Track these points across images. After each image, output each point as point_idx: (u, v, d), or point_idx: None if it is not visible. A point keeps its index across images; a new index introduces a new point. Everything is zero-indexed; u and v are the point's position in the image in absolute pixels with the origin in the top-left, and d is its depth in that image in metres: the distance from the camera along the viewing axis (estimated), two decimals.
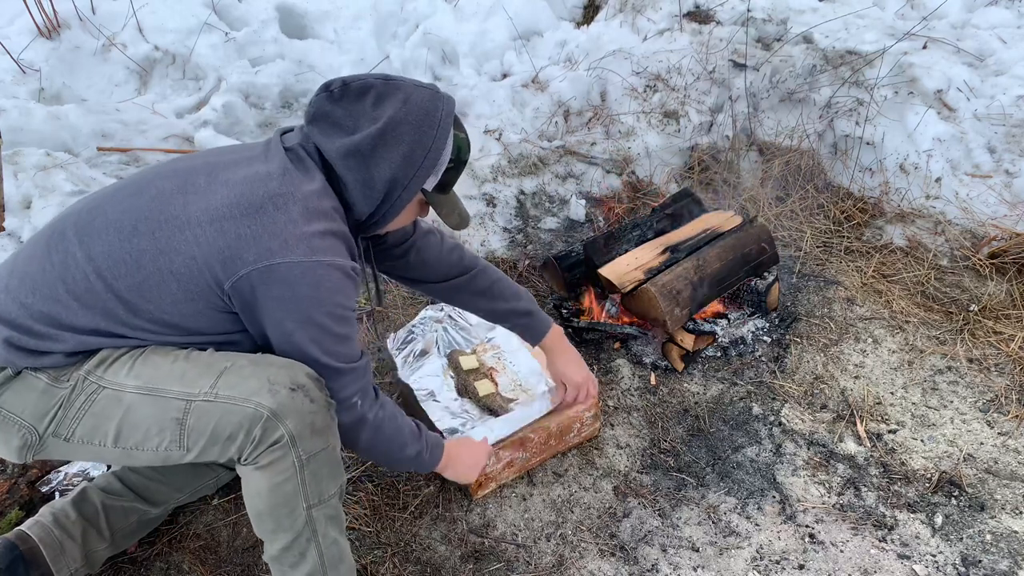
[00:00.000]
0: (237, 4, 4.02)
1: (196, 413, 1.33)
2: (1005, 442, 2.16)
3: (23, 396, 1.34)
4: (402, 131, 1.43)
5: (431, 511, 1.95)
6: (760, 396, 2.34)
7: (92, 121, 3.15)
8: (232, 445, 1.34)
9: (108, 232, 1.35)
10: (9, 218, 2.58)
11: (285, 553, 1.44)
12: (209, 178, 1.39)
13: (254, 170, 1.40)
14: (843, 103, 3.36)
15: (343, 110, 1.44)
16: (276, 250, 1.32)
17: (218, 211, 1.33)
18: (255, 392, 1.33)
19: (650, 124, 3.51)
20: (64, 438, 1.36)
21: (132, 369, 1.35)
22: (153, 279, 1.33)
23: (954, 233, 2.99)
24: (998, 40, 3.54)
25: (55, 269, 1.35)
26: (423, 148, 1.45)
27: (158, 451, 1.36)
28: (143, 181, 1.43)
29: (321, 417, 1.38)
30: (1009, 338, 2.51)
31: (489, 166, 3.23)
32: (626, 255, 2.53)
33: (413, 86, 1.47)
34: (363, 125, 1.43)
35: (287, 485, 1.37)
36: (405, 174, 1.46)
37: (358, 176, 1.44)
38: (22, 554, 1.54)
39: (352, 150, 1.42)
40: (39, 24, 3.53)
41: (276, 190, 1.36)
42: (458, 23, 4.05)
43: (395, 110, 1.43)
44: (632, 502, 1.99)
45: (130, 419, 1.34)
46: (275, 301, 1.34)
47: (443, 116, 1.47)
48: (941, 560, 1.85)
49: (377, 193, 1.47)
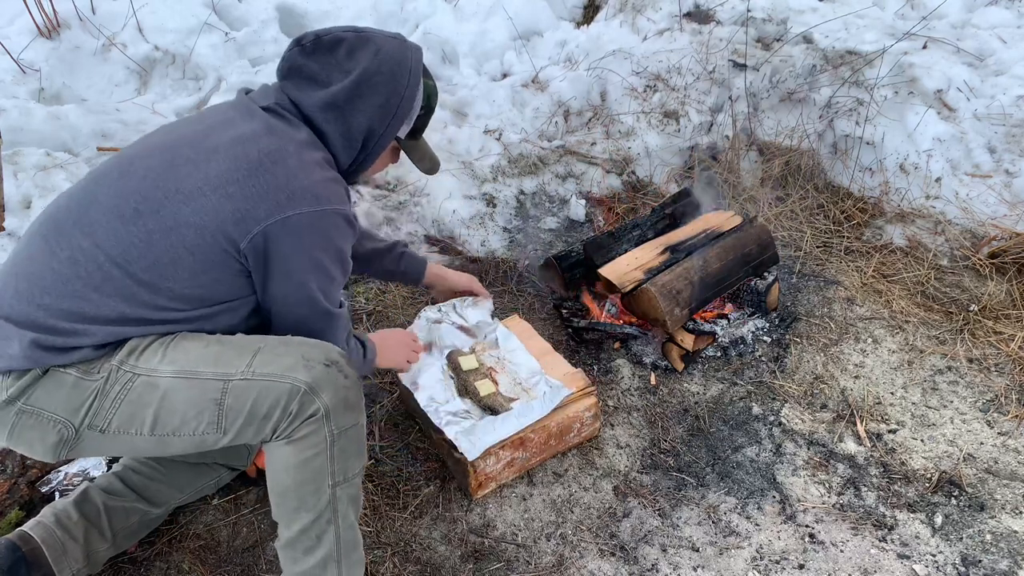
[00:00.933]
0: (237, 4, 4.02)
1: (234, 392, 1.34)
2: (1005, 442, 2.17)
3: (53, 393, 1.34)
4: (376, 81, 1.48)
5: (431, 511, 1.95)
6: (760, 396, 2.34)
7: (92, 121, 3.15)
8: (268, 423, 1.35)
9: (109, 219, 1.35)
10: (9, 218, 2.58)
11: (302, 536, 1.45)
12: (195, 149, 1.40)
13: (239, 131, 1.41)
14: (843, 103, 3.36)
15: (317, 63, 1.48)
16: (284, 203, 1.36)
17: (219, 177, 1.36)
18: (291, 368, 1.36)
19: (650, 124, 3.51)
20: (100, 429, 1.36)
21: (165, 355, 1.36)
22: (167, 256, 1.35)
23: (954, 233, 2.99)
24: (998, 40, 3.54)
25: (64, 265, 1.34)
26: (397, 97, 1.51)
27: (195, 435, 1.37)
28: (124, 164, 1.43)
29: (354, 392, 1.42)
30: (1009, 338, 2.51)
31: (489, 166, 3.23)
32: (626, 255, 2.53)
33: (383, 37, 1.52)
34: (337, 77, 1.47)
35: (316, 460, 1.39)
36: (381, 123, 1.51)
37: (337, 127, 1.48)
38: (24, 555, 1.54)
39: (329, 102, 1.46)
40: (39, 24, 3.53)
41: (269, 146, 1.39)
42: (458, 23, 4.05)
43: (368, 61, 1.47)
44: (632, 502, 1.99)
45: (168, 404, 1.35)
46: (287, 250, 1.38)
47: (413, 65, 1.53)
48: (941, 560, 1.85)
49: (355, 143, 1.51)
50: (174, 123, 1.56)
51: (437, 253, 2.88)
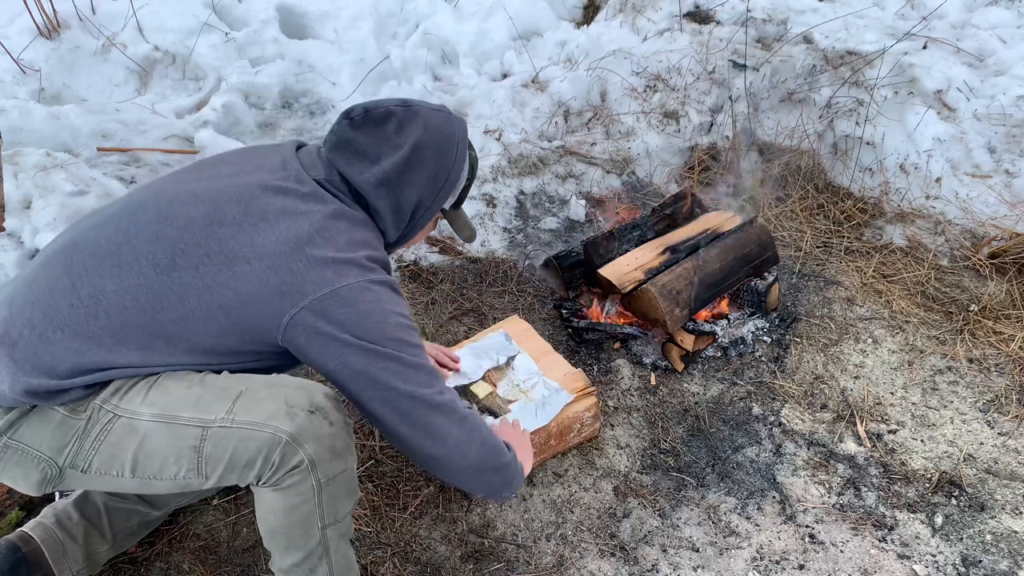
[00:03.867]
0: (237, 4, 4.02)
1: (213, 440, 1.29)
2: (1005, 442, 2.17)
3: (39, 430, 1.30)
4: (425, 156, 1.48)
5: (431, 511, 1.95)
6: (760, 396, 2.34)
7: (92, 121, 3.14)
8: (251, 471, 1.31)
9: (142, 265, 1.30)
10: (9, 218, 2.58)
11: (295, 568, 1.44)
12: (241, 209, 1.35)
13: (291, 204, 1.38)
14: (843, 103, 3.36)
15: (366, 137, 1.46)
16: (332, 278, 1.31)
17: (266, 248, 1.31)
18: (272, 416, 1.30)
19: (650, 124, 3.51)
20: (81, 469, 1.32)
21: (147, 396, 1.31)
22: (199, 312, 1.30)
23: (954, 233, 2.99)
24: (998, 40, 3.54)
25: (85, 303, 1.29)
26: (445, 171, 1.52)
27: (176, 479, 1.32)
28: (163, 207, 1.37)
29: (340, 439, 1.36)
30: (1009, 338, 2.51)
31: (489, 166, 3.23)
32: (626, 255, 2.53)
33: (429, 110, 1.52)
34: (387, 153, 1.46)
35: (304, 507, 1.36)
36: (430, 196, 1.52)
37: (389, 203, 1.48)
38: (25, 556, 1.54)
39: (382, 179, 1.45)
40: (39, 24, 3.53)
41: (320, 224, 1.36)
42: (458, 23, 4.05)
43: (417, 136, 1.47)
44: (632, 502, 1.99)
45: (146, 448, 1.30)
46: (340, 326, 1.30)
47: (460, 138, 1.54)
48: (941, 560, 1.85)
49: (404, 216, 1.52)
50: (216, 162, 1.51)
51: (437, 253, 2.88)
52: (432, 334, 2.52)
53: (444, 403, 1.41)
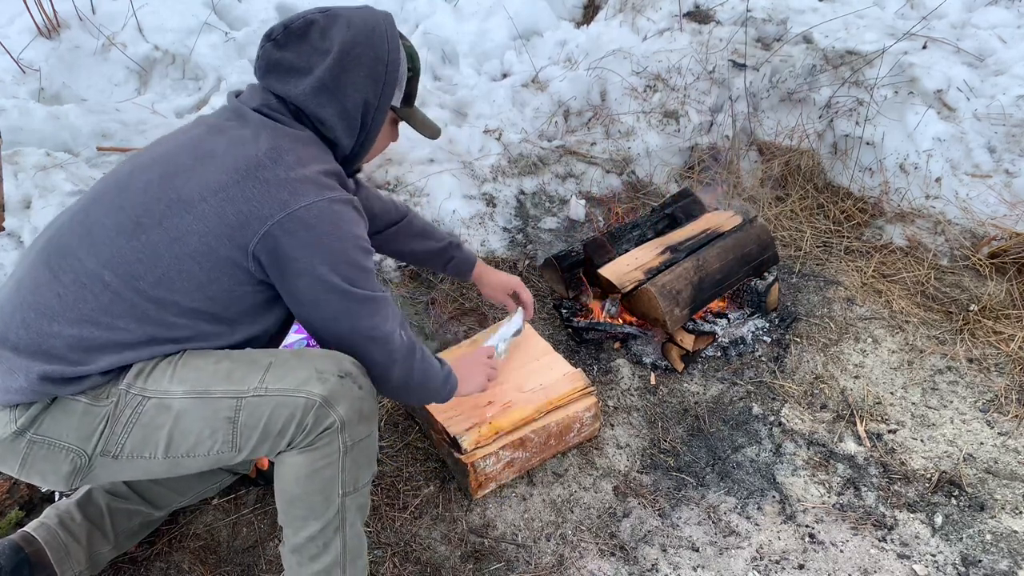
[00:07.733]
0: (237, 4, 4.02)
1: (248, 409, 1.32)
2: (1005, 442, 2.17)
3: (64, 421, 1.31)
4: (357, 53, 1.45)
5: (431, 511, 1.96)
6: (760, 396, 2.34)
7: (92, 121, 3.14)
8: (283, 439, 1.34)
9: (112, 236, 1.33)
10: (9, 218, 2.58)
11: (309, 543, 1.44)
12: (192, 156, 1.38)
13: (235, 135, 1.40)
14: (843, 103, 3.36)
15: (293, 52, 1.45)
16: (288, 199, 1.33)
17: (217, 182, 1.33)
18: (305, 382, 1.34)
19: (650, 124, 3.51)
20: (113, 455, 1.33)
21: (174, 375, 1.33)
22: (173, 268, 1.32)
23: (954, 233, 3.00)
24: (998, 40, 3.54)
25: (70, 289, 1.31)
26: (382, 63, 1.49)
27: (209, 455, 1.35)
28: (123, 178, 1.41)
29: (368, 403, 1.41)
30: (1009, 338, 2.51)
31: (489, 166, 3.23)
32: (626, 255, 2.53)
33: (350, 9, 1.50)
34: (317, 60, 1.45)
35: (328, 471, 1.38)
36: (374, 93, 1.49)
37: (333, 109, 1.46)
38: (28, 556, 1.54)
39: (317, 87, 1.44)
40: (39, 24, 3.53)
41: (266, 145, 1.37)
42: (458, 23, 4.05)
43: (343, 36, 1.45)
44: (632, 502, 2.00)
45: (181, 425, 1.32)
46: (301, 248, 1.33)
47: (388, 29, 1.51)
48: (941, 560, 1.85)
49: (355, 121, 1.49)
50: (169, 134, 1.55)
51: None
52: (432, 334, 2.53)
53: (380, 336, 1.45)
